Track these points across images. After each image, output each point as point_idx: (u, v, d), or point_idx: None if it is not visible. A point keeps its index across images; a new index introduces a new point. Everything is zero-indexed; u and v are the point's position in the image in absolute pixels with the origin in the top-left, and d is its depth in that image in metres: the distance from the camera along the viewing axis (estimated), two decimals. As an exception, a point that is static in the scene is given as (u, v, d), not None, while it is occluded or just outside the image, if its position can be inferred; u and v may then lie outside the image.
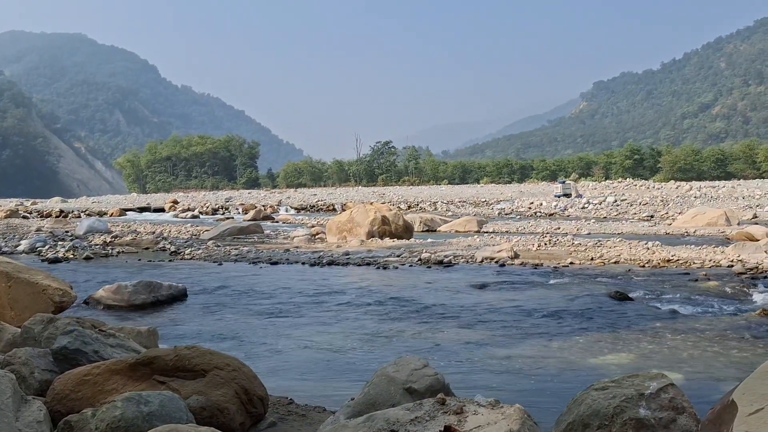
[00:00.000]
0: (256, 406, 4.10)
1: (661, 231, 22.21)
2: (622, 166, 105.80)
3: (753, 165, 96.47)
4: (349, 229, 19.99)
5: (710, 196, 44.04)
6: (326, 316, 8.62)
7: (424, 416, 2.64)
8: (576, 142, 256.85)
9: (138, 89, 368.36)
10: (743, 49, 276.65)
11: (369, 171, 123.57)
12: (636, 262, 13.14)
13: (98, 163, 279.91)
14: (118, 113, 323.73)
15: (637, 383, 3.22)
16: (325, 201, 52.20)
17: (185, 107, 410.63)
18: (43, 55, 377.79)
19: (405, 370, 3.79)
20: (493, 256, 14.23)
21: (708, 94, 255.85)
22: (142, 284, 9.61)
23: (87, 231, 22.47)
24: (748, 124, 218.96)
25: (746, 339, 6.88)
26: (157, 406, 3.35)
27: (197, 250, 16.96)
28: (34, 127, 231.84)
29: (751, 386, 2.62)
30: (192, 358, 4.00)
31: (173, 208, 45.64)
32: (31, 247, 17.40)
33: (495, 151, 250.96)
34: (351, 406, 3.66)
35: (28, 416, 3.35)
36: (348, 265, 14.14)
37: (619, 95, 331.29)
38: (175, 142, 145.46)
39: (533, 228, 24.19)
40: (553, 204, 40.39)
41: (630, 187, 61.34)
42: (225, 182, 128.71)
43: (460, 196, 55.68)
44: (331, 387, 5.58)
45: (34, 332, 4.67)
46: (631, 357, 6.32)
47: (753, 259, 12.49)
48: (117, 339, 4.70)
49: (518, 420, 2.55)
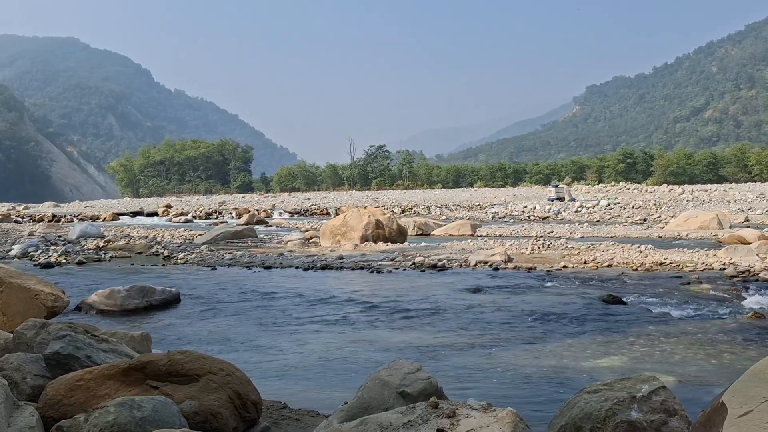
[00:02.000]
0: (250, 410, 4.10)
1: (654, 234, 22.30)
2: (615, 169, 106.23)
3: (745, 168, 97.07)
4: (343, 233, 19.98)
5: (702, 200, 44.26)
6: (320, 320, 8.61)
7: (417, 420, 2.65)
8: (569, 146, 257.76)
9: (131, 93, 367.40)
10: (734, 53, 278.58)
11: (363, 175, 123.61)
12: (629, 266, 13.19)
13: (91, 168, 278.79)
14: (111, 117, 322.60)
15: (629, 386, 3.24)
16: (318, 205, 52.15)
17: (178, 111, 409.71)
18: (35, 59, 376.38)
19: (398, 374, 3.80)
20: (486, 259, 14.26)
21: (700, 98, 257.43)
22: (135, 289, 9.58)
23: (80, 235, 22.37)
24: (739, 127, 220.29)
25: (737, 342, 6.92)
26: (150, 411, 3.34)
27: (190, 255, 16.92)
28: (27, 132, 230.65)
29: (741, 388, 2.64)
30: (185, 363, 3.99)
31: (166, 213, 45.48)
32: (24, 251, 17.31)
33: (488, 154, 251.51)
34: (344, 410, 3.67)
35: (20, 422, 3.34)
36: (342, 269, 14.14)
37: (611, 99, 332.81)
38: (168, 146, 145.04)
39: (527, 231, 24.25)
40: (547, 207, 40.49)
41: (623, 190, 61.64)
42: (218, 186, 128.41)
43: (454, 199, 55.76)
44: (325, 391, 5.57)
45: (26, 337, 4.65)
46: (623, 360, 6.34)
47: (745, 262, 12.57)
48: (110, 344, 4.69)
49: (510, 423, 2.56)
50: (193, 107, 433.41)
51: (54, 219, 37.80)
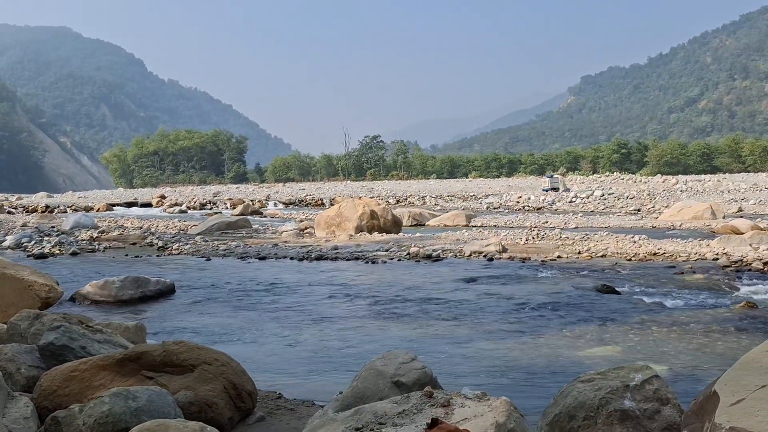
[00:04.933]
0: (245, 400, 4.11)
1: (648, 225, 22.38)
2: (610, 160, 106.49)
3: (738, 159, 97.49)
4: (337, 223, 19.97)
5: (696, 190, 44.42)
6: (314, 311, 8.62)
7: (412, 409, 2.66)
8: (564, 136, 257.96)
9: (124, 83, 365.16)
10: (729, 43, 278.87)
11: (357, 165, 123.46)
12: (623, 256, 13.24)
13: (84, 158, 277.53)
14: (104, 107, 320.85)
15: (623, 375, 3.26)
16: (313, 195, 52.10)
17: (172, 101, 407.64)
18: (27, 49, 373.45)
19: (393, 364, 3.81)
20: (481, 250, 14.29)
21: (694, 89, 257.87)
22: (129, 280, 9.56)
23: (73, 226, 22.30)
24: (733, 118, 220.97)
25: (730, 331, 6.97)
26: (145, 401, 3.34)
27: (185, 245, 16.89)
28: (19, 122, 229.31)
29: (733, 377, 2.66)
30: (180, 354, 3.99)
31: (160, 203, 45.36)
32: (17, 242, 17.23)
33: (483, 145, 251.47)
34: (339, 400, 3.68)
35: (14, 412, 3.34)
36: (337, 259, 14.14)
37: (606, 89, 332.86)
38: (162, 137, 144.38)
39: (521, 222, 24.30)
40: (541, 198, 40.56)
41: (617, 181, 61.75)
42: (213, 177, 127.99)
43: (449, 190, 55.77)
44: (320, 381, 5.59)
45: (20, 328, 4.64)
46: (617, 349, 6.38)
47: (738, 253, 12.63)
48: (104, 335, 4.69)
49: (505, 412, 2.57)
50: (187, 97, 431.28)
51: (47, 210, 37.65)
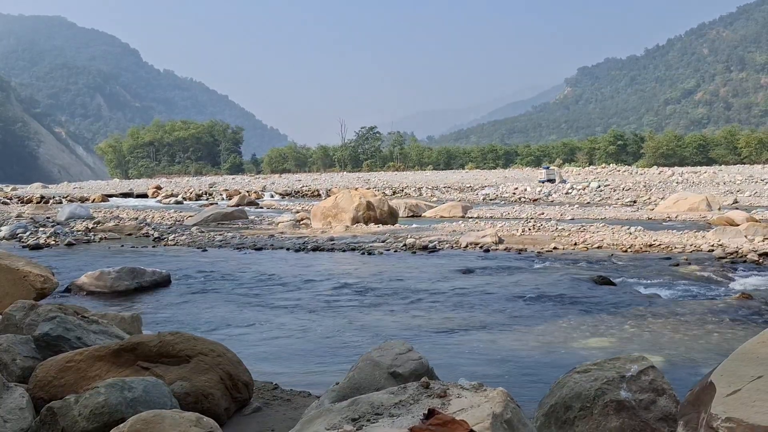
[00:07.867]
0: (241, 391, 4.11)
1: (644, 216, 22.44)
2: (606, 151, 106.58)
3: (734, 151, 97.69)
4: (334, 214, 19.95)
5: (692, 182, 44.54)
6: (311, 302, 8.62)
7: (408, 400, 2.65)
8: (560, 127, 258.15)
9: (119, 73, 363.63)
10: (726, 35, 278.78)
11: (354, 156, 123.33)
12: (618, 247, 13.27)
13: (79, 149, 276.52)
14: (99, 98, 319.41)
15: (619, 366, 3.27)
16: (309, 186, 52.06)
17: (168, 92, 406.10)
18: (21, 39, 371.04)
19: (389, 355, 3.81)
20: (477, 241, 14.29)
21: (691, 80, 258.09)
22: (125, 270, 9.53)
23: (69, 217, 22.21)
24: (729, 110, 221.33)
25: (725, 322, 6.99)
26: (141, 391, 3.33)
27: (181, 236, 16.85)
28: (14, 112, 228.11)
29: (729, 368, 2.67)
30: (176, 344, 3.98)
31: (156, 194, 45.27)
32: (12, 233, 17.16)
33: (480, 136, 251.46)
34: (336, 391, 3.68)
35: (10, 403, 3.33)
36: (333, 250, 14.14)
37: (603, 81, 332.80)
38: (157, 127, 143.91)
39: (517, 213, 24.33)
40: (538, 189, 40.60)
41: (613, 172, 61.86)
42: (209, 168, 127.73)
43: (445, 181, 55.77)
44: (316, 372, 5.59)
45: (15, 319, 4.62)
46: (613, 340, 6.39)
47: (733, 244, 12.67)
48: (100, 325, 4.67)
49: (501, 403, 2.57)
50: (182, 88, 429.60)
51: (42, 200, 37.50)
